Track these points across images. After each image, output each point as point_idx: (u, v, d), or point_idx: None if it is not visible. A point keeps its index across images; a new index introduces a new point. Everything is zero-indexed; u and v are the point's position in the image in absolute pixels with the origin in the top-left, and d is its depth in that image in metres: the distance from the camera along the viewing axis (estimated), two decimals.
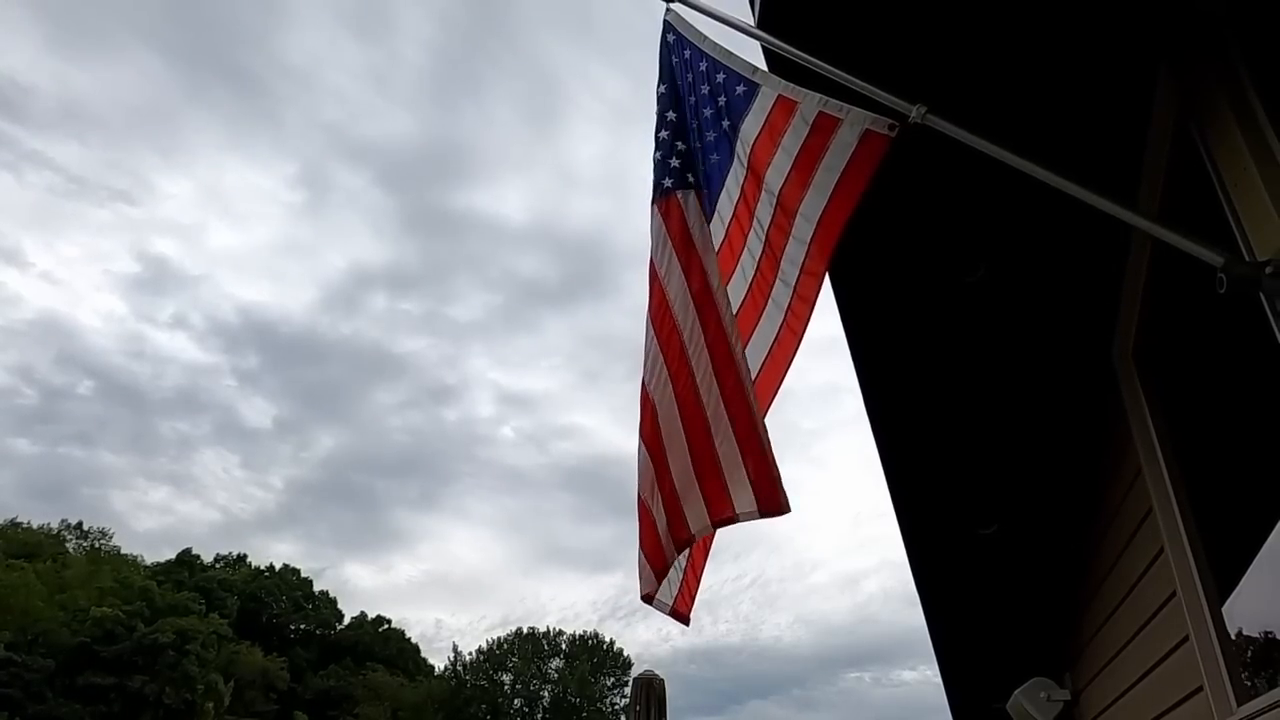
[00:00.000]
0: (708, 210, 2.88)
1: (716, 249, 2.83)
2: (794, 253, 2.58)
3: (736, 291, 2.78)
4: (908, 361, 3.86)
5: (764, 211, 2.65)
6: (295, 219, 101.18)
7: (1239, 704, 2.68)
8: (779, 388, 2.71)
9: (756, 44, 2.70)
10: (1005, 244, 3.29)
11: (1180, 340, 3.18)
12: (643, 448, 2.90)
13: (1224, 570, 2.85)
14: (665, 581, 3.02)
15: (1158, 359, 3.24)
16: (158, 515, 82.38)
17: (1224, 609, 2.85)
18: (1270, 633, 2.73)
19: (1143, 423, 3.29)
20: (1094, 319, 3.53)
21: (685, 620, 3.04)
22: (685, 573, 3.07)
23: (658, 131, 3.13)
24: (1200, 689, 2.95)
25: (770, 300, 2.67)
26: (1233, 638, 2.81)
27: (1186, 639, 3.05)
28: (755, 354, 2.73)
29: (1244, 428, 3.14)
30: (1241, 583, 2.75)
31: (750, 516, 2.74)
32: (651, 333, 2.96)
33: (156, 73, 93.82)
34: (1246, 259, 2.05)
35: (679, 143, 3.03)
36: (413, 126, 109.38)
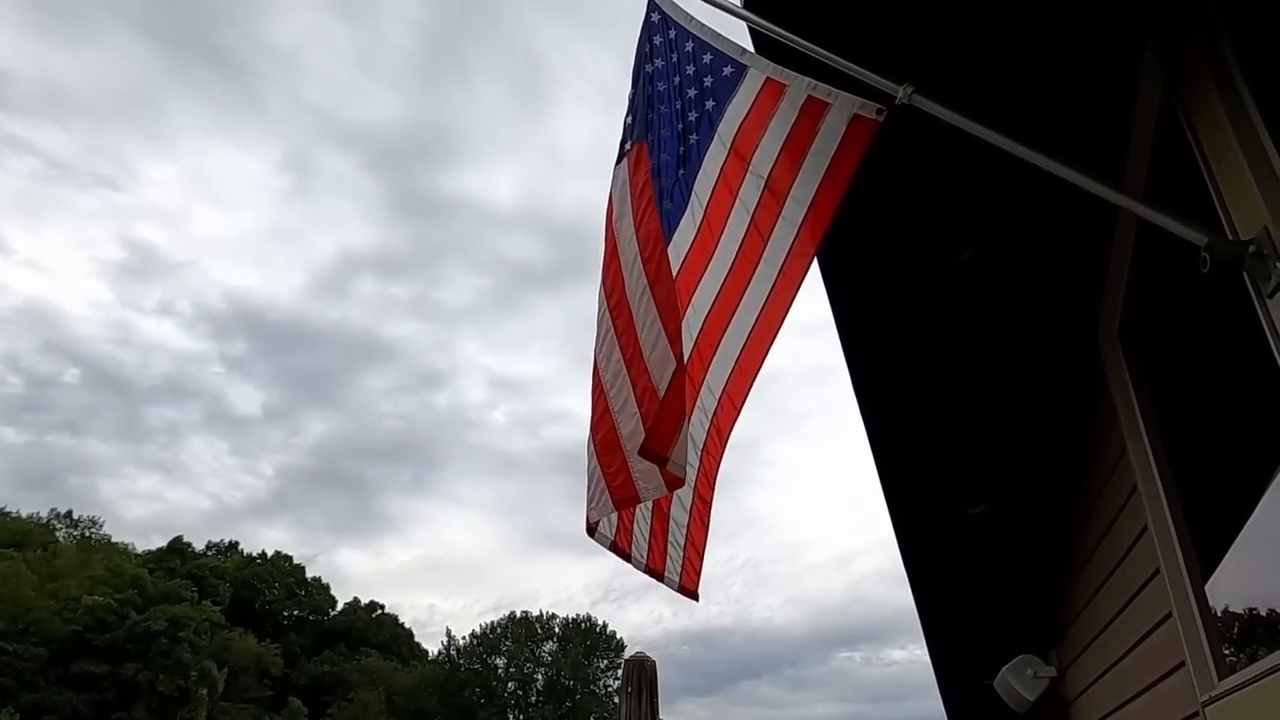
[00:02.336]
0: (683, 189, 2.86)
1: (695, 230, 2.82)
2: (783, 234, 2.59)
3: (717, 273, 2.76)
4: (895, 343, 3.87)
5: (749, 193, 2.64)
6: (282, 204, 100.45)
7: (1220, 678, 2.72)
8: (763, 363, 2.72)
9: (743, 25, 2.68)
10: (991, 225, 3.29)
11: (1165, 320, 3.20)
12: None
13: (1206, 548, 2.88)
14: (669, 559, 3.06)
15: (1142, 338, 3.26)
16: (148, 503, 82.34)
17: (1206, 586, 2.88)
18: (1252, 609, 2.77)
19: (1127, 402, 3.31)
20: (1079, 299, 3.54)
21: (694, 596, 3.06)
22: (686, 549, 3.07)
23: (632, 96, 3.20)
24: (1183, 664, 3.00)
25: (753, 281, 2.67)
26: (1215, 614, 2.84)
27: (1169, 615, 3.09)
28: (737, 334, 2.73)
29: (1228, 407, 3.17)
30: (1224, 560, 2.78)
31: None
32: (605, 307, 2.97)
33: (138, 56, 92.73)
34: (1230, 238, 2.06)
35: (653, 109, 3.05)
36: (399, 109, 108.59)
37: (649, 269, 2.78)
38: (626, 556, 3.22)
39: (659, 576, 3.13)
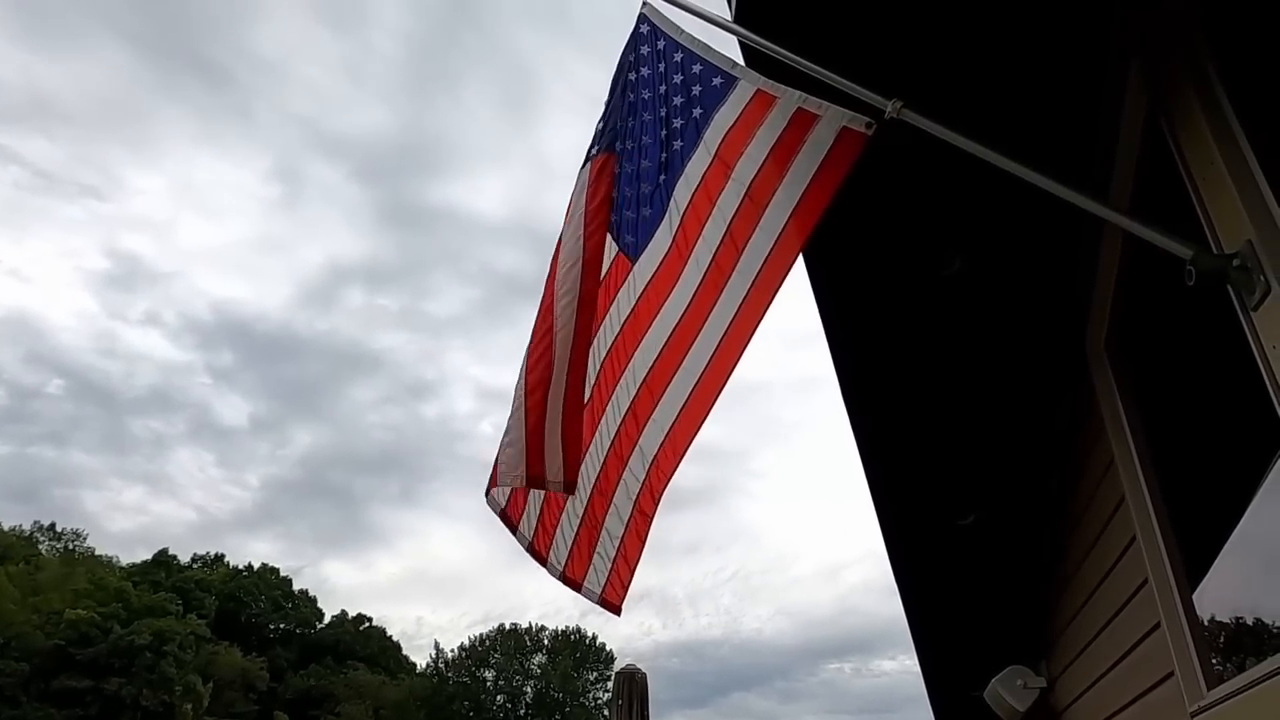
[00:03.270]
0: (663, 195, 2.86)
1: (671, 237, 2.80)
2: (760, 243, 2.55)
3: (689, 283, 2.72)
4: (885, 354, 3.89)
5: (728, 201, 2.62)
6: (270, 214, 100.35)
7: (1209, 689, 2.73)
8: (727, 379, 2.64)
9: (733, 39, 2.70)
10: (981, 237, 3.32)
11: (1151, 332, 3.23)
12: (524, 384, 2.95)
13: (1194, 558, 2.90)
14: (592, 569, 3.03)
15: (1129, 350, 3.28)
16: (132, 515, 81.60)
17: (1194, 596, 2.90)
18: (1239, 618, 2.79)
19: (1115, 413, 3.33)
20: (1067, 311, 3.57)
21: (616, 610, 2.97)
22: (615, 560, 2.99)
23: (608, 103, 3.23)
24: (1171, 674, 3.01)
25: (724, 294, 2.61)
26: (1203, 624, 2.86)
27: (1158, 626, 3.10)
28: (704, 347, 2.67)
29: (1214, 418, 3.20)
30: (1211, 570, 2.80)
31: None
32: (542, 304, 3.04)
33: (125, 65, 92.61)
34: (1214, 251, 2.08)
35: (628, 120, 3.09)
36: (388, 119, 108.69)
37: (583, 288, 2.88)
38: (543, 561, 3.20)
39: (576, 587, 3.08)
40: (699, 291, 2.70)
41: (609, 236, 3.03)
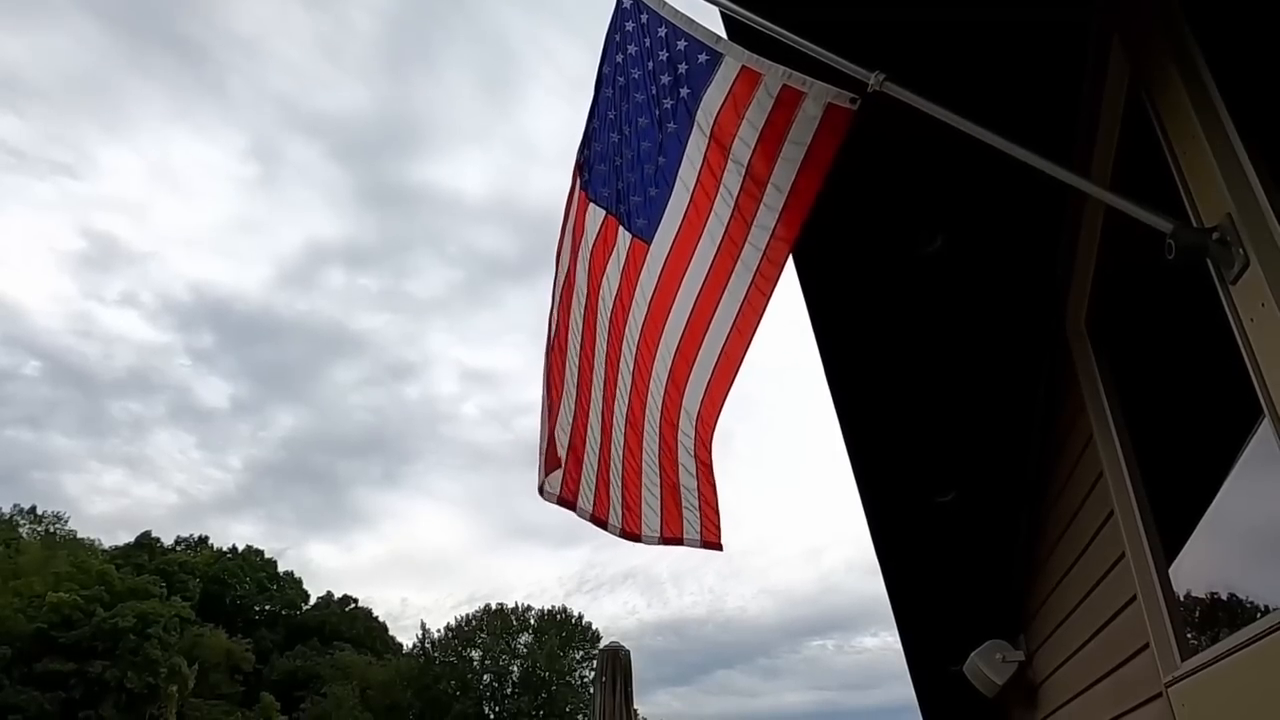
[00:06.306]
0: (666, 176, 2.92)
1: (683, 214, 2.90)
2: (765, 219, 2.65)
3: (704, 255, 2.84)
4: (868, 332, 3.90)
5: (732, 180, 2.68)
6: (247, 193, 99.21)
7: (1182, 659, 2.77)
8: (748, 347, 2.79)
9: (715, 10, 2.67)
10: (962, 215, 3.32)
11: (1131, 309, 3.25)
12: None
13: (1170, 532, 2.93)
14: (685, 523, 3.28)
15: (1110, 327, 3.30)
16: (113, 498, 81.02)
17: (1170, 570, 2.93)
18: (1213, 592, 2.82)
19: (1094, 389, 3.35)
20: (1048, 288, 3.58)
21: (718, 547, 3.28)
22: (701, 507, 3.25)
23: (596, 89, 3.35)
24: (1147, 646, 3.05)
25: (739, 262, 2.73)
26: (1178, 597, 2.89)
27: (1134, 599, 3.14)
28: (725, 315, 2.80)
29: (1191, 393, 3.23)
30: (1187, 544, 2.83)
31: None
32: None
33: (96, 41, 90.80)
34: (1194, 226, 2.08)
35: (621, 104, 3.17)
36: (366, 98, 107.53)
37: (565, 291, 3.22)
38: (637, 538, 3.47)
39: (678, 541, 3.34)
40: (715, 262, 2.82)
41: (620, 226, 3.22)
